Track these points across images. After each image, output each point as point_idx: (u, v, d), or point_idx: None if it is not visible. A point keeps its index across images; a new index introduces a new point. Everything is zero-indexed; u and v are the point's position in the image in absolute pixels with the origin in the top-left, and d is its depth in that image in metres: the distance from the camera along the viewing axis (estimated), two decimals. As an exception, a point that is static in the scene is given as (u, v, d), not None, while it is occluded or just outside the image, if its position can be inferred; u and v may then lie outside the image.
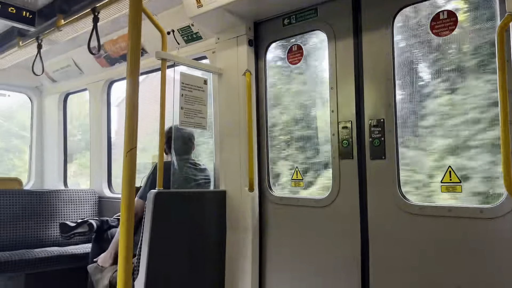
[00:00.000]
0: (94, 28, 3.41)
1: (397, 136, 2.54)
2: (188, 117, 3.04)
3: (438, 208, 2.35)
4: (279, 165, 3.27)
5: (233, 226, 3.15)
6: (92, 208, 4.67)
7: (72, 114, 5.57)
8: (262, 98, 3.24)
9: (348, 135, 2.73)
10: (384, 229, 2.56)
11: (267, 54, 3.25)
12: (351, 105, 2.74)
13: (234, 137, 3.19)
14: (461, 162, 2.36)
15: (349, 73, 2.75)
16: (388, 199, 2.53)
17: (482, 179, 2.30)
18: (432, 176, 2.47)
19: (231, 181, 3.19)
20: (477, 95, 2.35)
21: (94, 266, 3.24)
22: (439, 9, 2.42)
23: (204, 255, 3.04)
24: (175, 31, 3.60)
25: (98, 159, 4.82)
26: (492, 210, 2.18)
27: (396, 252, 2.49)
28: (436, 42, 2.45)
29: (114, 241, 3.20)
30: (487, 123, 2.30)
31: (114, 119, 5.03)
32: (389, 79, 2.55)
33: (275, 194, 3.14)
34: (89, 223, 3.47)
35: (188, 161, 3.34)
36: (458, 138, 2.39)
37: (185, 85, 3.03)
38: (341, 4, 2.81)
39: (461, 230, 2.27)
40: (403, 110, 2.56)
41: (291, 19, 3.07)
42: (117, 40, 4.13)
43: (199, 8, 3.02)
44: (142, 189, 3.17)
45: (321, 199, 2.86)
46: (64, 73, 5.03)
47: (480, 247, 2.21)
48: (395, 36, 2.57)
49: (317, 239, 2.86)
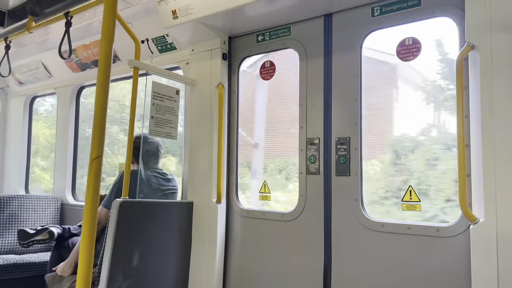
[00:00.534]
0: (66, 32, 3.36)
1: (362, 154, 2.62)
2: (158, 126, 3.04)
3: (397, 226, 2.44)
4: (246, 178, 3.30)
5: (199, 238, 3.14)
6: (54, 215, 4.53)
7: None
8: (234, 111, 3.27)
9: (315, 151, 2.80)
10: (346, 243, 2.62)
11: (241, 68, 3.30)
12: (319, 122, 2.81)
13: (204, 148, 3.20)
14: (421, 181, 2.47)
15: (319, 92, 2.83)
16: (351, 215, 2.61)
17: (439, 199, 2.41)
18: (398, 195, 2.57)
19: (198, 192, 3.19)
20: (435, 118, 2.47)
21: (52, 275, 3.13)
22: (405, 36, 2.54)
23: (168, 267, 3.01)
24: (150, 40, 3.60)
25: (63, 165, 4.70)
26: (448, 229, 2.28)
27: (357, 266, 2.56)
28: (402, 66, 2.57)
29: (75, 250, 3.11)
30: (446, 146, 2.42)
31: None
32: (356, 99, 2.65)
33: (242, 207, 3.16)
34: (50, 231, 3.36)
35: (155, 170, 3.31)
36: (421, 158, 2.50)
37: (156, 94, 3.02)
38: (313, 24, 2.90)
39: (419, 247, 2.36)
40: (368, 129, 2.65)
41: (265, 36, 3.14)
42: (90, 46, 4.08)
43: (175, 19, 3.04)
44: (107, 197, 3.11)
45: (288, 213, 2.90)
46: (32, 76, 4.91)
47: (436, 265, 2.30)
48: (363, 58, 2.68)
49: (282, 252, 2.89)
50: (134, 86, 2.88)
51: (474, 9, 2.16)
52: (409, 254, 2.39)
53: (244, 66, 3.32)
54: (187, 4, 2.94)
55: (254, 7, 2.76)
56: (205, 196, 3.14)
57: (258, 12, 2.85)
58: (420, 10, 2.47)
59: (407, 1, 2.51)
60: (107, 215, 2.96)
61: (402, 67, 2.60)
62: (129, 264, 2.76)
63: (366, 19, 2.66)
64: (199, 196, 3.18)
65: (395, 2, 2.55)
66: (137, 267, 2.81)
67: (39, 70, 4.75)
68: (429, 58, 2.49)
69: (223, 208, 3.14)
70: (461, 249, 2.21)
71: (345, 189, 2.65)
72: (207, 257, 3.07)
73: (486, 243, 2.03)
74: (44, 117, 6.31)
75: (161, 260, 2.96)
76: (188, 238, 3.15)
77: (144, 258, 2.86)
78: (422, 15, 2.46)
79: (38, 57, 4.61)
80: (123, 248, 2.71)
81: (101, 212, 3.00)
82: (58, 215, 4.56)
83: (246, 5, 2.72)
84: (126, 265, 2.74)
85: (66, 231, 3.46)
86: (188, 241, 3.15)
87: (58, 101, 4.85)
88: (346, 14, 2.76)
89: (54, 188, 4.79)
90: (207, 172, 3.15)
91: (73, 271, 3.03)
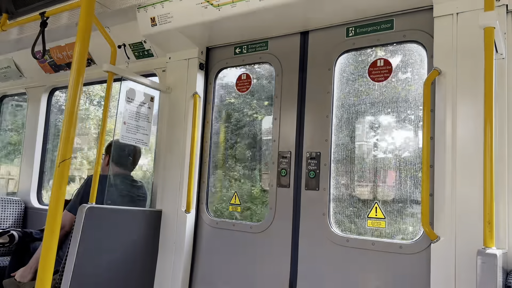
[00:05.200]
0: (41, 33, 3.30)
1: (331, 170, 2.68)
2: (130, 132, 3.01)
3: (362, 241, 2.49)
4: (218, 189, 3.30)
5: (166, 246, 3.10)
6: (17, 218, 4.38)
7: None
8: (208, 120, 3.28)
9: (286, 164, 2.83)
10: (313, 257, 2.65)
11: (217, 79, 3.32)
12: (291, 136, 2.86)
13: (175, 156, 3.18)
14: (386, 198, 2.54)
15: (292, 106, 2.88)
16: (318, 229, 2.65)
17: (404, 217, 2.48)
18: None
19: (168, 201, 3.16)
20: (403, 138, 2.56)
21: (11, 281, 3.02)
22: (377, 57, 2.63)
23: (133, 275, 2.95)
24: (127, 46, 3.58)
25: (29, 167, 4.56)
26: (411, 246, 2.34)
27: (323, 280, 2.59)
28: (372, 87, 2.66)
29: (36, 255, 3.01)
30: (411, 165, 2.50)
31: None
32: (328, 116, 2.71)
33: (211, 218, 3.15)
34: (10, 234, 3.25)
35: (125, 176, 3.27)
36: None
37: (130, 100, 3.00)
38: (290, 41, 2.97)
39: (383, 263, 2.41)
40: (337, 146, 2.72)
41: (242, 49, 3.19)
42: (65, 47, 4.02)
43: (154, 27, 3.04)
44: (72, 201, 3.04)
45: (257, 224, 2.91)
46: (1, 74, 4.78)
47: (399, 281, 2.35)
48: (336, 76, 2.75)
49: (249, 264, 2.89)
50: (108, 91, 2.85)
51: (442, 36, 2.27)
52: (373, 269, 2.44)
53: (221, 77, 3.35)
54: (166, 13, 2.95)
55: (231, 20, 2.80)
56: (174, 205, 3.12)
57: (236, 25, 2.90)
58: (392, 33, 2.57)
59: (380, 23, 2.61)
60: (72, 220, 2.89)
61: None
62: (92, 271, 2.69)
63: (341, 39, 2.74)
64: (168, 205, 3.16)
65: (369, 24, 2.65)
66: (101, 274, 2.75)
67: (10, 69, 4.63)
68: (398, 80, 2.58)
69: (192, 218, 3.13)
70: (422, 266, 2.28)
71: (314, 203, 2.69)
72: (173, 267, 3.04)
73: (445, 261, 2.11)
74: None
75: (126, 268, 2.91)
76: (154, 246, 3.11)
77: (108, 266, 2.81)
78: (394, 38, 2.56)
79: (9, 56, 4.49)
80: (87, 255, 2.64)
81: (65, 217, 2.93)
82: (21, 218, 4.41)
83: (224, 18, 2.76)
84: (90, 272, 2.67)
85: (28, 235, 3.36)
86: (154, 250, 3.11)
87: (29, 102, 4.73)
88: (322, 33, 2.83)
89: (18, 190, 4.64)
90: (177, 181, 3.13)
91: (32, 277, 2.93)
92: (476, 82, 2.12)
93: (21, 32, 3.66)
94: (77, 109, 1.92)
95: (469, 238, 2.05)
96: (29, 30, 3.60)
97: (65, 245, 2.93)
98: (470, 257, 2.01)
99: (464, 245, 2.06)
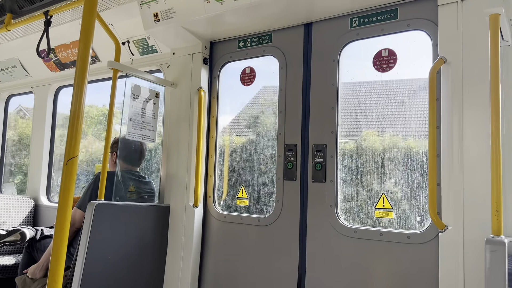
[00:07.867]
0: (45, 32, 3.32)
1: (338, 162, 2.67)
2: (137, 129, 3.02)
3: (370, 232, 2.49)
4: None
5: (174, 241, 3.13)
6: (28, 216, 4.44)
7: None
8: (213, 115, 3.29)
9: (293, 157, 2.83)
10: (321, 249, 2.66)
11: (221, 73, 3.32)
12: (297, 129, 2.85)
13: (182, 152, 3.20)
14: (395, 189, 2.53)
15: (297, 99, 2.87)
16: (326, 221, 2.65)
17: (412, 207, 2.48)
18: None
19: (176, 196, 3.18)
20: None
21: (23, 278, 3.06)
22: (382, 47, 2.61)
23: (143, 270, 2.99)
24: (131, 42, 3.59)
25: (38, 166, 4.61)
26: (418, 236, 2.34)
27: (331, 272, 2.60)
28: (378, 77, 2.64)
29: (47, 252, 3.05)
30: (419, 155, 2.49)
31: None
32: (333, 107, 2.70)
33: (219, 211, 3.16)
34: (22, 232, 3.29)
35: (133, 173, 3.29)
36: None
37: (136, 96, 3.02)
38: (293, 33, 2.95)
39: (391, 253, 2.41)
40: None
41: (246, 42, 3.18)
42: (70, 46, 4.04)
43: (157, 22, 3.05)
44: (81, 198, 3.07)
45: (264, 217, 2.92)
46: (8, 74, 4.81)
47: (407, 271, 2.36)
48: (341, 67, 2.74)
49: (258, 257, 2.91)
50: (113, 88, 2.86)
51: (447, 24, 2.24)
52: (381, 260, 2.44)
53: (225, 71, 3.34)
54: (169, 8, 2.95)
55: (234, 14, 2.79)
56: (182, 200, 3.14)
57: (239, 18, 2.89)
58: (396, 23, 2.54)
59: (384, 13, 2.59)
60: (81, 216, 2.92)
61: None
62: (103, 267, 2.73)
63: (345, 30, 2.73)
64: (176, 200, 3.18)
65: (373, 14, 2.62)
66: (111, 270, 2.78)
67: (17, 68, 4.66)
68: (404, 70, 2.56)
69: (200, 212, 3.14)
70: (431, 256, 2.28)
71: (321, 195, 2.69)
72: (183, 261, 3.06)
73: (453, 250, 2.10)
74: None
75: (135, 264, 2.94)
76: (163, 242, 3.14)
77: (118, 261, 2.84)
78: (398, 27, 2.54)
79: (15, 56, 4.52)
80: (97, 251, 2.68)
81: (75, 214, 2.96)
82: (31, 216, 4.47)
83: (227, 12, 2.76)
84: (100, 268, 2.71)
85: (39, 232, 3.40)
86: (163, 245, 3.14)
87: (35, 101, 4.77)
88: (326, 24, 2.82)
89: (28, 189, 4.69)
90: (185, 176, 3.15)
91: (44, 274, 2.97)
92: (482, 69, 2.10)
93: (25, 32, 3.68)
94: (82, 107, 1.93)
95: (477, 227, 2.04)
96: (33, 29, 3.62)
97: (75, 242, 2.96)
98: (478, 246, 2.01)
99: (472, 234, 2.06)
